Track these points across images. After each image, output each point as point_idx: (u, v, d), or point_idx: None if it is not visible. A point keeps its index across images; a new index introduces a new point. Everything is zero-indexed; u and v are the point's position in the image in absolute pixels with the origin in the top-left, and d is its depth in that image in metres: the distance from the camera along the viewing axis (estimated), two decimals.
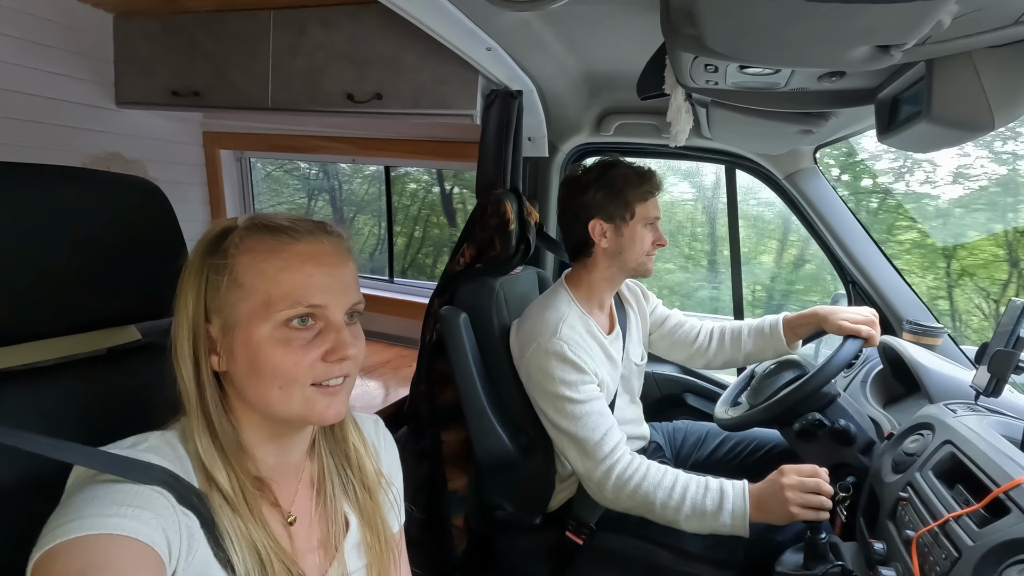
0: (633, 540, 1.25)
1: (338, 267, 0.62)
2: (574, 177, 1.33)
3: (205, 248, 0.61)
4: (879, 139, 0.93)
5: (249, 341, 0.58)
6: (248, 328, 0.58)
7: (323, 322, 0.61)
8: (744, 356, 1.49)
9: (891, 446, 1.07)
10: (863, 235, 1.61)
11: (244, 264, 0.59)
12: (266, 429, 0.64)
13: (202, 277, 0.60)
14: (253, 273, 0.58)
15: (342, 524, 0.71)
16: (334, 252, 0.63)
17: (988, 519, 0.74)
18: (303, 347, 0.59)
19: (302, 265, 0.59)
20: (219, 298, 0.59)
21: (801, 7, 0.50)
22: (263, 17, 1.80)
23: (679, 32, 0.74)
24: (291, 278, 0.59)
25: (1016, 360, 0.99)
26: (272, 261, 0.59)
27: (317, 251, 0.61)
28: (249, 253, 0.59)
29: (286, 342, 0.58)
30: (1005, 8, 0.59)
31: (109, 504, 0.50)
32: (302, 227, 0.62)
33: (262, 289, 0.58)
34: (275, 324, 0.58)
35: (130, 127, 2.17)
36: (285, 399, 0.59)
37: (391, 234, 2.67)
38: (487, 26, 1.23)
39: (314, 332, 0.60)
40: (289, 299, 0.58)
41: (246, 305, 0.58)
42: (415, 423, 1.55)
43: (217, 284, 0.59)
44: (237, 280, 0.58)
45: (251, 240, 0.60)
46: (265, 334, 0.58)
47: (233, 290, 0.59)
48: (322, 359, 0.60)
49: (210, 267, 0.59)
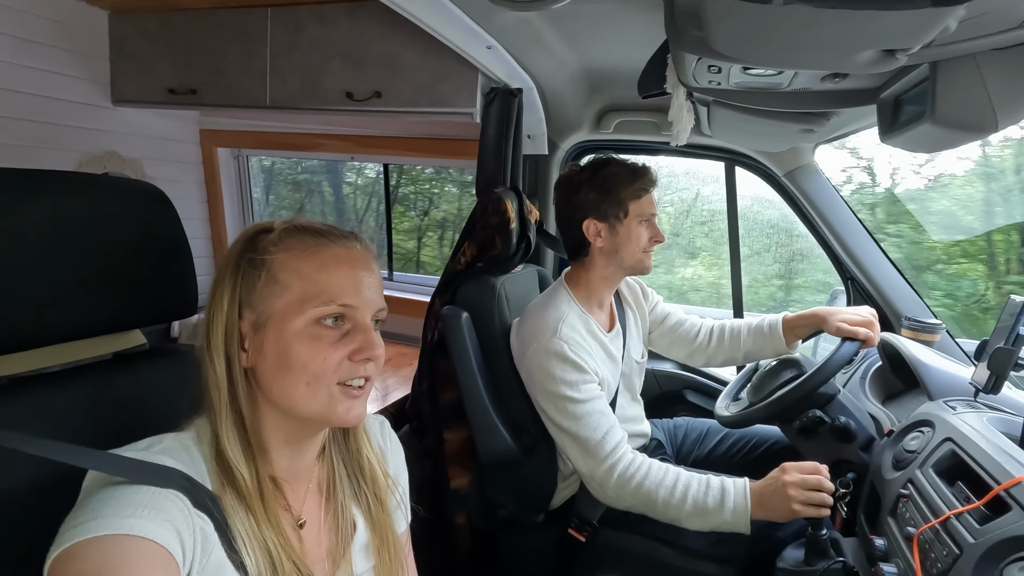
0: (635, 537, 1.26)
1: (369, 273, 0.65)
2: (567, 177, 1.33)
3: (243, 245, 0.63)
4: (881, 139, 0.93)
5: (281, 336, 0.60)
6: (281, 323, 0.60)
7: (352, 323, 0.63)
8: (744, 354, 1.50)
9: (891, 443, 1.08)
10: (862, 232, 1.61)
11: (282, 261, 0.61)
12: (283, 430, 0.64)
13: (239, 272, 0.61)
14: (290, 270, 0.61)
15: (350, 526, 0.72)
16: (365, 258, 0.66)
17: (989, 516, 0.75)
18: (332, 344, 0.61)
19: (338, 266, 0.62)
20: (255, 293, 0.61)
21: (810, 12, 0.50)
22: (260, 14, 1.79)
23: (684, 33, 0.74)
24: (327, 277, 0.61)
25: (1016, 357, 1.00)
26: (310, 260, 0.61)
27: (351, 256, 0.64)
28: (288, 251, 0.61)
29: (316, 338, 0.60)
30: (1010, 12, 0.59)
31: (126, 505, 0.50)
32: (338, 232, 0.65)
33: (298, 286, 0.60)
34: (308, 320, 0.60)
35: (127, 125, 2.15)
36: (311, 395, 0.61)
37: (390, 231, 2.66)
38: (487, 24, 1.23)
39: (342, 332, 0.62)
40: (324, 297, 0.60)
41: (281, 301, 0.60)
42: (417, 422, 1.55)
43: (253, 279, 0.61)
44: (274, 276, 0.61)
45: (290, 239, 0.62)
46: (297, 329, 0.60)
47: (270, 285, 0.61)
48: (349, 358, 0.62)
49: (248, 262, 0.61)
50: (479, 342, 1.38)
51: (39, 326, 0.63)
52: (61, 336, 0.66)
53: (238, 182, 2.64)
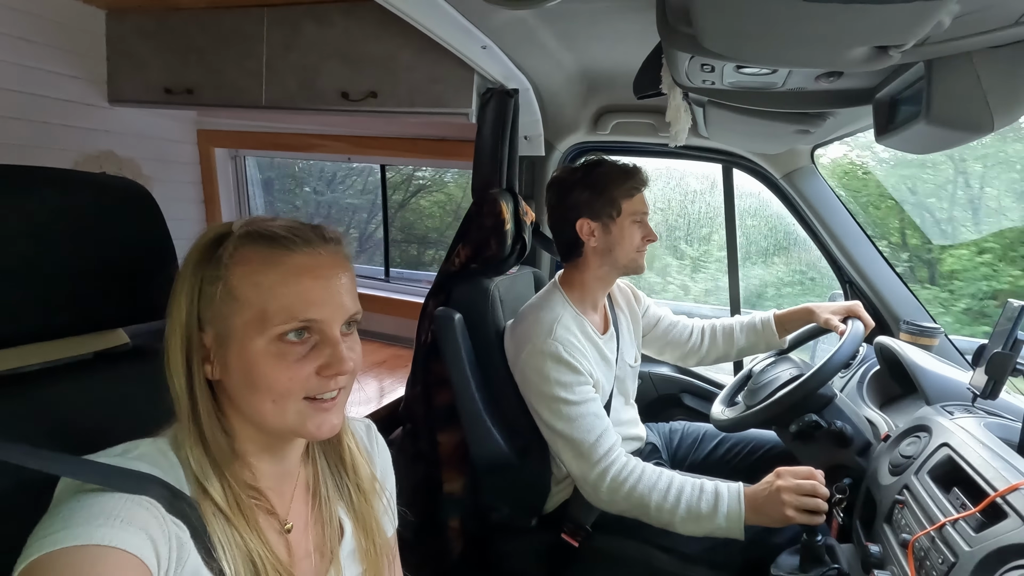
0: (629, 542, 1.24)
1: (336, 278, 0.60)
2: (560, 178, 1.33)
3: (199, 255, 0.59)
4: (877, 140, 0.92)
5: (243, 354, 0.57)
6: (243, 341, 0.57)
7: (319, 336, 0.59)
8: (737, 351, 1.54)
9: (888, 448, 1.06)
10: (860, 235, 1.60)
11: (239, 275, 0.57)
12: (261, 439, 0.63)
13: (195, 286, 0.58)
14: (248, 285, 0.57)
15: (337, 529, 0.71)
16: (332, 263, 0.61)
17: (985, 524, 0.73)
18: (298, 361, 0.58)
19: (298, 278, 0.58)
20: (212, 308, 0.58)
21: (799, 7, 0.49)
22: (257, 14, 1.78)
23: (676, 31, 0.73)
24: (287, 292, 0.57)
25: (1013, 362, 0.99)
26: (268, 274, 0.57)
27: (314, 263, 0.59)
28: (244, 264, 0.57)
29: (281, 356, 0.57)
30: (1005, 9, 0.58)
31: (97, 514, 0.49)
32: (299, 236, 0.60)
33: (257, 302, 0.57)
34: (270, 338, 0.57)
35: (123, 125, 2.15)
36: (279, 413, 0.58)
37: (387, 232, 2.65)
38: (482, 24, 1.22)
39: (309, 346, 0.59)
40: (285, 313, 0.57)
41: (240, 318, 0.57)
42: (411, 425, 1.54)
43: (211, 295, 0.57)
44: (232, 292, 0.57)
45: (246, 250, 0.58)
46: (260, 348, 0.57)
47: (228, 302, 0.57)
48: (317, 373, 0.59)
49: (204, 277, 0.58)
50: (473, 344, 1.37)
51: (15, 324, 0.62)
52: (38, 335, 0.65)
53: (235, 182, 2.63)
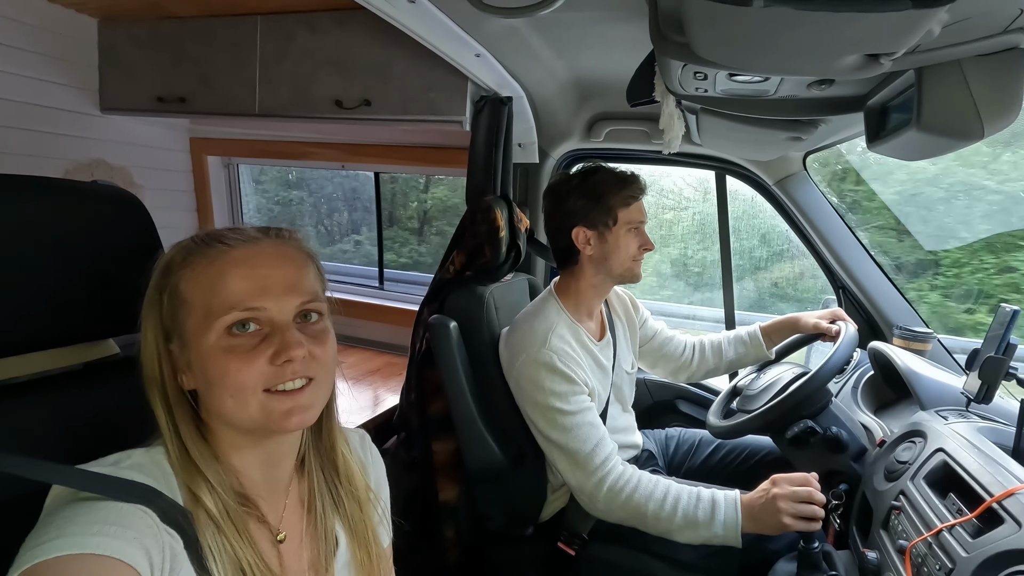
0: (626, 550, 1.23)
1: (278, 267, 0.61)
2: (556, 185, 1.32)
3: (160, 271, 0.61)
4: (868, 147, 0.92)
5: (199, 354, 0.58)
6: (196, 341, 0.58)
7: (268, 326, 0.59)
8: (726, 364, 1.56)
9: (883, 454, 1.06)
10: (853, 241, 1.61)
11: (185, 279, 0.59)
12: (243, 442, 0.62)
13: (154, 300, 0.60)
14: (193, 287, 0.58)
15: (332, 541, 0.70)
16: (273, 253, 0.61)
17: (982, 529, 0.73)
18: (248, 353, 0.58)
19: (236, 269, 0.59)
20: (170, 317, 0.59)
21: (790, 15, 0.49)
22: (250, 23, 1.78)
23: (668, 39, 0.74)
24: (226, 284, 0.58)
25: (1006, 367, 0.99)
26: (208, 271, 0.58)
27: (253, 254, 0.60)
28: (189, 268, 0.59)
29: (230, 350, 0.57)
30: (994, 17, 0.59)
31: (91, 523, 0.48)
32: (242, 235, 0.61)
33: (201, 301, 0.58)
34: (217, 333, 0.57)
35: (115, 133, 2.14)
36: (239, 407, 0.58)
37: (380, 240, 2.64)
38: (476, 32, 1.22)
39: (259, 337, 0.59)
40: (225, 305, 0.57)
41: (191, 320, 0.58)
42: (405, 433, 1.53)
43: (169, 305, 0.59)
44: (180, 296, 0.59)
45: (191, 256, 0.59)
46: (211, 344, 0.57)
47: (179, 307, 0.59)
48: (270, 363, 0.58)
49: (159, 288, 0.60)
50: (467, 352, 1.36)
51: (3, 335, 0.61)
52: (27, 346, 0.64)
53: (228, 191, 2.63)
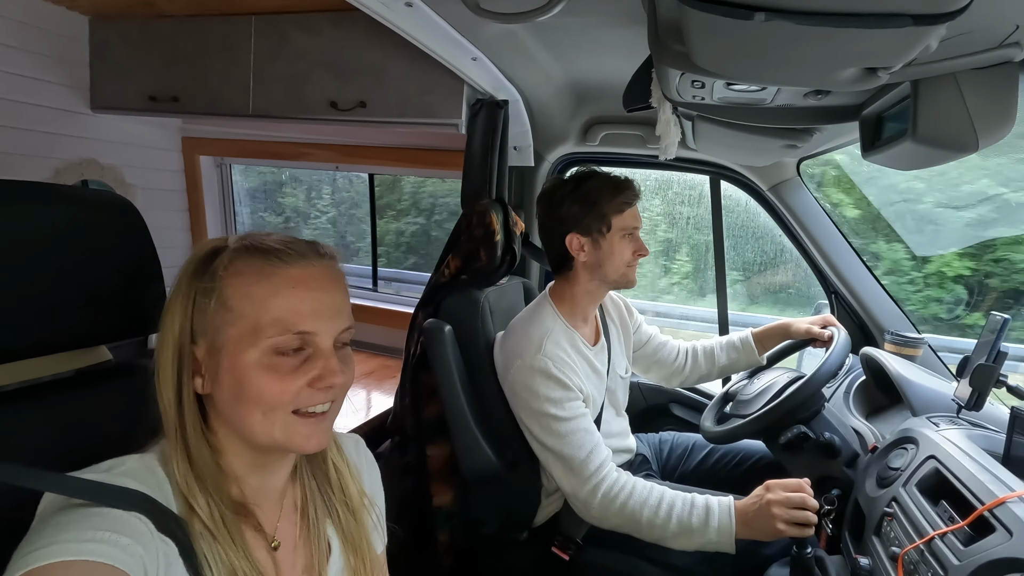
0: (620, 555, 1.24)
1: (329, 292, 0.61)
2: (550, 191, 1.32)
3: (194, 268, 0.59)
4: (863, 156, 0.93)
5: (235, 366, 0.57)
6: (235, 353, 0.57)
7: (312, 348, 0.59)
8: (719, 370, 1.57)
9: (875, 460, 1.07)
10: (845, 247, 1.62)
11: (233, 287, 0.57)
12: (249, 454, 0.62)
13: (189, 298, 0.58)
14: (241, 296, 0.57)
15: (325, 548, 0.70)
16: (325, 276, 0.61)
17: (974, 537, 0.74)
18: (290, 373, 0.58)
19: (292, 290, 0.58)
20: (206, 320, 0.58)
21: (791, 30, 0.49)
22: (244, 23, 1.77)
23: (667, 48, 0.74)
24: (281, 304, 0.57)
25: (996, 374, 1.00)
26: (262, 285, 0.57)
27: (308, 275, 0.59)
28: (238, 276, 0.57)
29: (273, 368, 0.57)
30: (990, 32, 0.59)
31: (85, 529, 0.48)
32: (294, 249, 0.60)
33: (250, 314, 0.57)
34: (263, 350, 0.57)
35: (106, 132, 2.11)
36: (267, 425, 0.58)
37: (375, 241, 2.63)
38: (472, 36, 1.22)
39: (302, 358, 0.59)
40: (278, 326, 0.57)
41: (234, 329, 0.57)
42: (399, 437, 1.52)
43: (204, 306, 0.57)
44: (225, 303, 0.57)
45: (240, 262, 0.58)
46: (252, 359, 0.57)
47: (221, 313, 0.57)
48: (308, 385, 0.58)
49: (198, 289, 0.58)
50: (462, 356, 1.36)
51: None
52: (18, 353, 0.63)
53: (220, 191, 2.60)
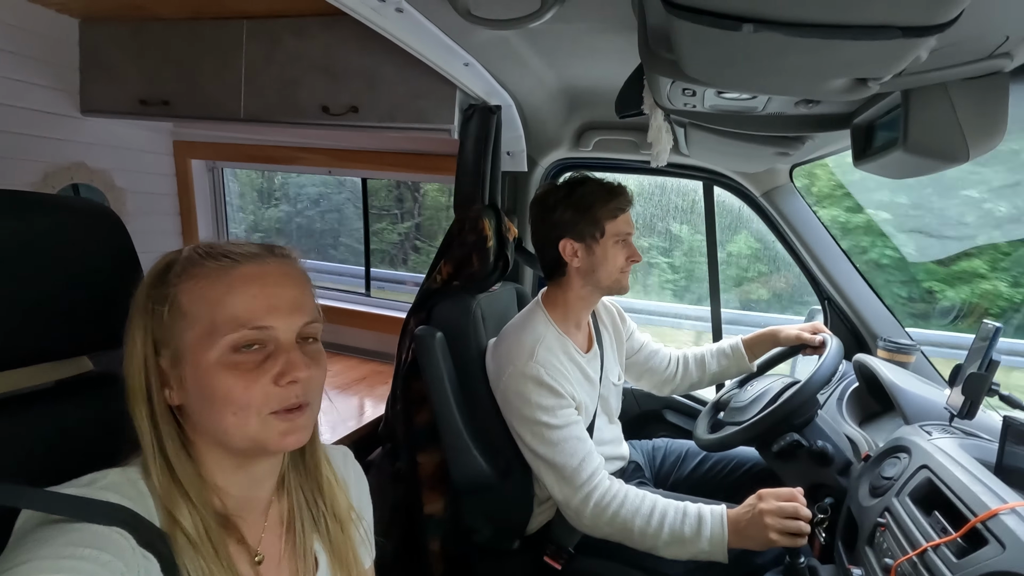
0: (612, 564, 1.23)
1: (285, 287, 0.60)
2: (543, 196, 1.31)
3: (150, 281, 0.59)
4: (855, 164, 0.93)
5: (198, 370, 0.56)
6: (196, 357, 0.56)
7: (272, 344, 0.59)
8: (710, 377, 1.57)
9: (868, 468, 1.07)
10: (838, 253, 1.62)
11: (187, 292, 0.57)
12: (229, 461, 0.61)
13: (147, 310, 0.58)
14: (196, 300, 0.57)
15: (312, 563, 0.68)
16: (280, 273, 0.61)
17: (967, 549, 0.73)
18: (252, 371, 0.57)
19: (245, 287, 0.58)
20: (164, 329, 0.58)
21: (780, 41, 0.49)
22: (236, 26, 1.76)
23: (657, 56, 0.73)
24: (234, 301, 0.57)
25: (989, 382, 1.00)
26: (215, 286, 0.57)
27: (261, 272, 0.59)
28: (191, 280, 0.58)
29: (234, 367, 0.56)
30: (980, 43, 0.59)
31: (64, 545, 0.47)
32: (246, 251, 0.60)
33: (206, 316, 0.57)
34: (221, 350, 0.56)
35: (96, 136, 2.09)
36: (241, 426, 0.57)
37: (367, 246, 2.62)
38: (465, 42, 1.21)
39: (263, 355, 0.58)
40: (233, 322, 0.56)
41: (192, 333, 0.57)
42: (391, 444, 1.51)
43: (162, 316, 0.57)
44: (181, 309, 0.57)
45: (194, 268, 0.58)
46: (213, 360, 0.56)
47: (177, 319, 0.57)
48: (273, 383, 0.58)
49: (155, 299, 0.58)
50: (454, 362, 1.35)
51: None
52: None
53: (212, 195, 2.59)
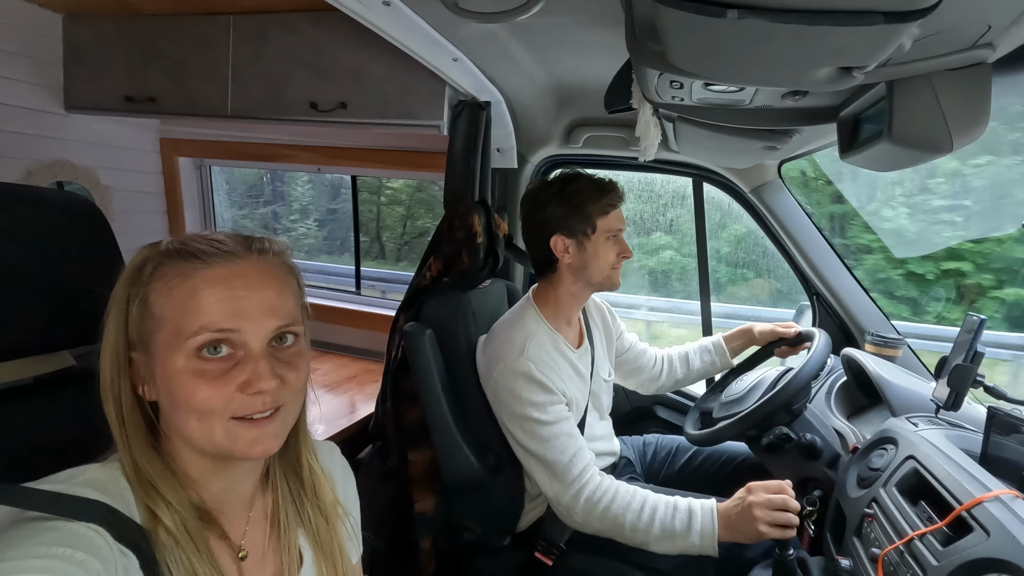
0: (604, 560, 1.23)
1: (256, 289, 0.57)
2: (534, 193, 1.31)
3: (127, 274, 0.58)
4: (841, 157, 0.93)
5: (166, 373, 0.55)
6: (164, 359, 0.55)
7: (241, 350, 0.57)
8: (694, 374, 1.59)
9: (856, 460, 1.07)
10: (827, 248, 1.64)
11: (156, 292, 0.56)
12: (204, 461, 0.60)
13: (122, 306, 0.57)
14: (164, 302, 0.55)
15: (296, 558, 0.67)
16: (254, 272, 0.58)
17: (952, 538, 0.74)
18: (218, 378, 0.55)
19: (210, 289, 0.55)
20: (136, 327, 0.57)
21: (765, 28, 0.49)
22: (223, 22, 1.74)
23: (644, 48, 0.73)
24: (199, 304, 0.55)
25: (974, 374, 1.01)
26: (181, 288, 0.55)
27: (231, 274, 0.57)
28: (161, 280, 0.56)
29: (200, 373, 0.55)
30: (962, 33, 0.59)
31: (37, 545, 0.45)
32: (219, 248, 0.58)
33: (172, 318, 0.55)
34: (187, 354, 0.54)
35: (81, 133, 2.06)
36: (205, 432, 0.55)
37: (358, 243, 2.61)
38: (453, 37, 1.21)
39: (232, 362, 0.56)
40: (196, 326, 0.54)
41: (160, 336, 0.55)
42: (381, 442, 1.50)
43: (134, 313, 0.56)
44: (150, 309, 0.56)
45: (165, 267, 0.56)
46: (179, 365, 0.54)
47: (147, 320, 0.56)
48: (240, 391, 0.56)
49: (130, 295, 0.57)
50: (444, 359, 1.34)
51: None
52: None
53: (200, 193, 2.56)
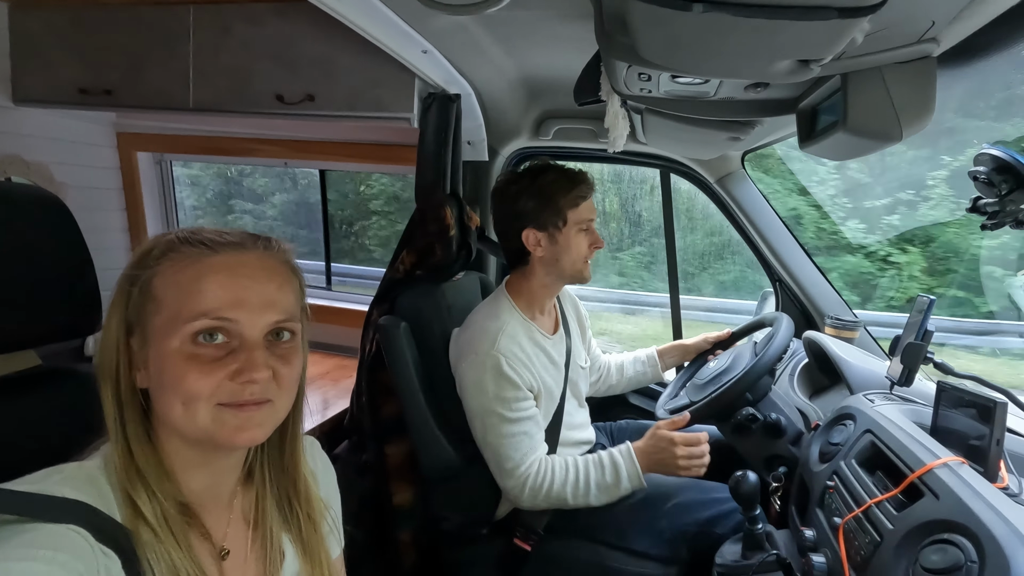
0: (581, 542, 1.26)
1: (259, 281, 0.58)
2: (504, 186, 1.31)
3: (132, 262, 0.58)
4: (800, 147, 0.98)
5: (159, 355, 0.55)
6: (160, 342, 0.55)
7: (237, 340, 0.57)
8: (626, 382, 1.68)
9: (818, 436, 1.13)
10: (788, 237, 1.70)
11: (160, 276, 0.56)
12: (189, 452, 0.59)
13: (124, 290, 0.57)
14: (167, 285, 0.56)
15: (278, 556, 0.67)
16: (258, 265, 0.59)
17: (905, 503, 0.79)
18: (210, 364, 0.55)
19: (214, 276, 0.56)
20: (136, 311, 0.57)
21: (728, 22, 0.51)
22: (182, 12, 1.69)
23: (613, 40, 0.75)
24: (202, 290, 0.56)
25: (924, 352, 1.07)
26: (186, 273, 0.56)
27: (237, 263, 0.58)
28: (166, 263, 0.57)
29: (192, 357, 0.55)
30: (909, 28, 0.63)
31: (15, 547, 0.44)
32: (229, 239, 0.59)
33: (173, 301, 0.55)
34: (183, 338, 0.55)
35: (31, 127, 1.97)
36: (189, 417, 0.55)
37: (327, 239, 2.58)
38: (422, 28, 1.21)
39: (226, 350, 0.57)
40: (196, 311, 0.55)
41: (159, 318, 0.56)
42: (357, 437, 1.50)
43: (135, 297, 0.57)
44: (152, 292, 0.56)
45: (172, 252, 0.57)
46: (174, 348, 0.55)
47: (148, 302, 0.56)
48: (230, 379, 0.56)
49: (131, 280, 0.57)
50: (419, 352, 1.34)
51: None
52: None
53: (161, 189, 2.48)
